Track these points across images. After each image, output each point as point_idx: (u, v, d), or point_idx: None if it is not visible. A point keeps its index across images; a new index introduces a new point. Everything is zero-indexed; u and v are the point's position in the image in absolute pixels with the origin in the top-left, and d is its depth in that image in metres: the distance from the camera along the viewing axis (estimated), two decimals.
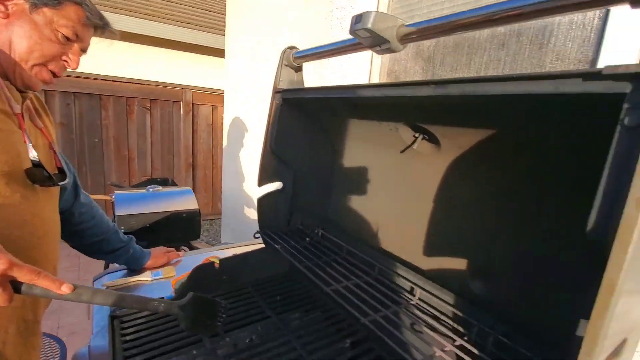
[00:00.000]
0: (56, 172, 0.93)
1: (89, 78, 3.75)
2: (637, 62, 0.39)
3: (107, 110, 3.89)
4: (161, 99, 4.08)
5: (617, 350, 0.46)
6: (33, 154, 0.80)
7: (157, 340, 0.92)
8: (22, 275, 0.57)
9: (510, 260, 0.74)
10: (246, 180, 2.96)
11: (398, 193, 1.04)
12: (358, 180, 1.20)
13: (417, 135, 0.89)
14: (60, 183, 0.88)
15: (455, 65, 1.25)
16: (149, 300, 0.69)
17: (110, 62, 4.09)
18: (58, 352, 1.57)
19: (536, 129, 0.62)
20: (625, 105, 0.40)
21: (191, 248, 2.08)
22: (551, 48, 0.98)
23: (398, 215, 1.04)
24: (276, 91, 1.10)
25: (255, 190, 2.79)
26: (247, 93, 2.88)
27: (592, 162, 0.55)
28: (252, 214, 2.84)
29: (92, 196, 1.60)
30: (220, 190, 4.61)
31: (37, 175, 0.81)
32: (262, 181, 1.20)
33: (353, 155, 1.23)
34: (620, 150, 0.40)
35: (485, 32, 1.12)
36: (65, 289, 0.59)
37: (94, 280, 1.33)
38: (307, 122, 1.20)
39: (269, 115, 1.14)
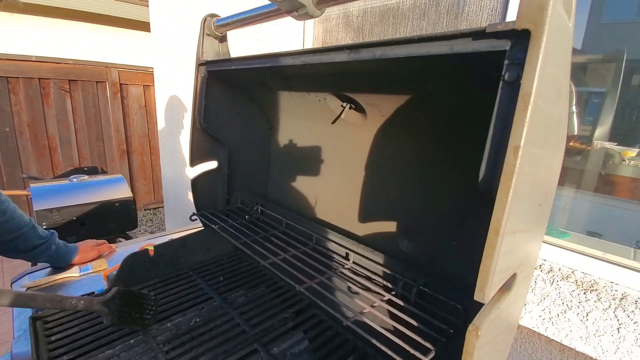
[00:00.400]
0: None
1: None
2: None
3: (17, 95, 3.40)
4: (82, 80, 3.63)
5: (508, 284, 0.52)
6: None
7: (89, 336, 0.87)
8: None
9: (428, 218, 0.80)
10: (187, 165, 2.81)
11: (332, 164, 1.06)
12: (294, 155, 1.20)
13: (344, 104, 0.90)
14: None
15: (382, 35, 1.27)
16: (66, 298, 0.63)
17: (15, 39, 3.55)
18: None
19: (442, 92, 0.65)
20: (506, 62, 0.43)
21: (128, 239, 1.96)
22: (465, 17, 1.04)
23: (334, 186, 1.06)
24: (200, 63, 1.04)
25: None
26: (180, 69, 2.69)
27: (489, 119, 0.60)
28: None
29: (6, 192, 1.42)
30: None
31: None
32: (194, 161, 1.15)
33: (288, 129, 1.21)
34: (502, 104, 0.43)
35: (407, 3, 1.15)
36: None
37: (12, 283, 1.20)
38: (238, 96, 1.16)
39: (195, 90, 1.07)
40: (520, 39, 0.42)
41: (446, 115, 0.71)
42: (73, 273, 1.19)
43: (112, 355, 0.82)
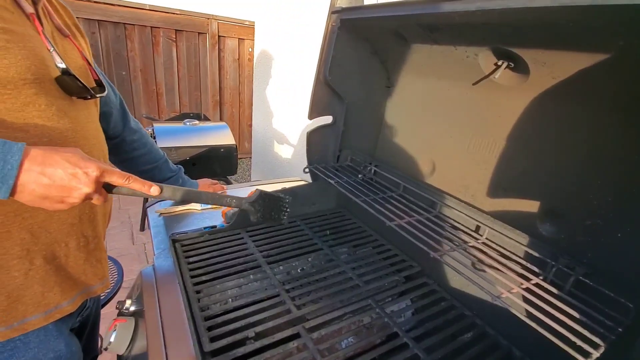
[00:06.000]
0: (93, 85, 0.82)
1: (112, 4, 3.57)
2: None
3: (132, 41, 3.75)
4: (187, 30, 3.87)
5: None
6: (59, 61, 0.68)
7: (219, 264, 0.97)
8: (114, 180, 0.60)
9: (585, 203, 0.69)
10: (277, 119, 2.90)
11: (461, 130, 0.97)
12: (414, 116, 1.13)
13: (499, 62, 0.80)
14: (98, 95, 0.78)
15: None
16: (222, 196, 0.75)
17: None
18: (115, 270, 1.70)
19: None
20: None
21: (228, 183, 2.13)
22: None
23: (459, 154, 0.98)
24: (334, 11, 0.99)
25: (286, 129, 2.74)
26: (283, 22, 2.68)
27: None
28: (283, 152, 2.82)
29: None
30: (247, 129, 4.59)
31: (71, 85, 0.70)
32: (312, 114, 1.15)
33: (410, 88, 1.14)
34: None
35: None
36: (154, 191, 0.65)
37: (147, 207, 1.39)
38: (362, 49, 1.10)
39: (324, 40, 1.04)
40: None
41: None
42: (195, 206, 1.33)
43: (241, 284, 0.91)
